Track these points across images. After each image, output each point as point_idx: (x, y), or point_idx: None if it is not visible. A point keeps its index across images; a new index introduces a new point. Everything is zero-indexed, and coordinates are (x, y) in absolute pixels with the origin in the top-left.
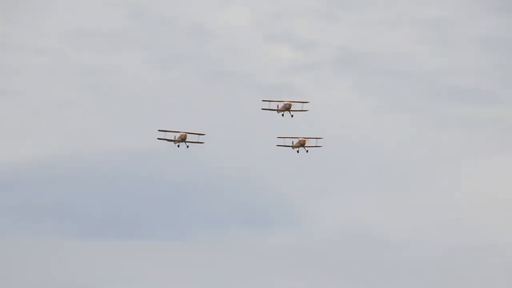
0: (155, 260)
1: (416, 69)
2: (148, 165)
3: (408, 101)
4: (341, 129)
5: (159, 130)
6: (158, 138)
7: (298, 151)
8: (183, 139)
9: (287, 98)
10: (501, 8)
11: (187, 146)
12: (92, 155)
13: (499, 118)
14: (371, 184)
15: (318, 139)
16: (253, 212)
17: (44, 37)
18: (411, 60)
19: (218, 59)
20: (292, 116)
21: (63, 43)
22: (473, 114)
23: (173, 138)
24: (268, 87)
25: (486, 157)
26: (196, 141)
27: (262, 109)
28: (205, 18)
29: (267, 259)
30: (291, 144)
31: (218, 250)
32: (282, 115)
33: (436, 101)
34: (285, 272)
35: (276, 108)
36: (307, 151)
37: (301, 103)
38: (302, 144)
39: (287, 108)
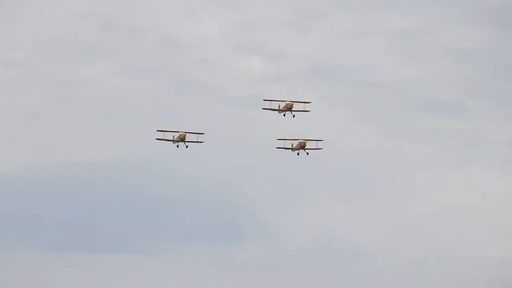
0: (127, 273)
1: (385, 80)
2: (120, 177)
3: (377, 112)
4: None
5: (157, 130)
6: (157, 139)
7: (298, 153)
8: (182, 139)
9: (288, 98)
10: (469, 19)
11: (187, 146)
12: (63, 167)
13: (468, 130)
14: (340, 194)
15: (319, 141)
16: (225, 225)
17: (14, 49)
18: (380, 71)
19: (189, 70)
20: (294, 116)
21: (34, 55)
22: (442, 126)
23: (171, 138)
24: (239, 98)
25: (455, 168)
26: (196, 140)
27: (263, 108)
28: (175, 29)
29: (241, 272)
30: (290, 146)
31: (191, 262)
32: (284, 115)
33: (405, 112)
34: (258, 285)
35: (277, 108)
36: (307, 153)
37: (303, 103)
38: (302, 146)
39: (289, 108)
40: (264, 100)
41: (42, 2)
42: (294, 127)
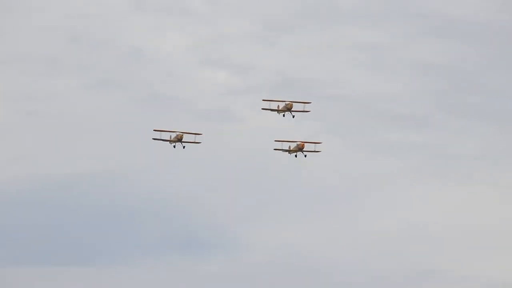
0: (94, 286)
1: (352, 94)
2: (85, 189)
3: (344, 126)
4: (274, 152)
5: (154, 130)
6: (154, 139)
7: (296, 156)
8: (179, 139)
9: (288, 98)
10: (436, 33)
11: (183, 147)
12: (27, 180)
13: (434, 143)
14: (306, 208)
15: (317, 144)
16: (192, 237)
17: None
18: (347, 85)
19: (155, 83)
20: (293, 116)
21: (1, 68)
22: (409, 139)
23: (168, 138)
24: (205, 112)
25: (422, 182)
26: (193, 141)
27: (262, 109)
28: (141, 42)
29: (207, 285)
30: (288, 148)
31: (157, 275)
32: (283, 115)
33: (372, 125)
34: None
35: (276, 108)
36: (305, 156)
37: (303, 104)
38: (300, 148)
39: (289, 108)
40: (263, 100)
41: (9, 14)
42: (264, 138)
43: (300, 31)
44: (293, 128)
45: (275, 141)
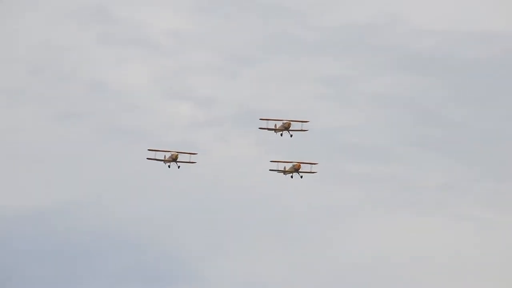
0: None
1: (315, 126)
2: (49, 222)
3: (307, 158)
4: (239, 184)
5: (148, 150)
6: (148, 158)
7: (292, 176)
8: (174, 159)
9: (286, 117)
10: (399, 66)
11: (178, 167)
12: None
13: (397, 176)
14: (272, 240)
15: (313, 165)
16: (158, 270)
17: None
18: (310, 117)
19: (118, 116)
20: (291, 136)
21: None
22: (372, 171)
23: (163, 158)
24: (169, 144)
25: (385, 214)
26: (188, 160)
27: (259, 128)
28: (104, 75)
29: None
30: (283, 169)
31: None
32: (281, 134)
33: (336, 158)
34: None
35: (273, 128)
36: (301, 176)
37: (301, 123)
38: (296, 169)
39: (286, 127)
40: (261, 119)
41: None
42: (229, 170)
43: (263, 63)
44: (258, 158)
45: (271, 161)
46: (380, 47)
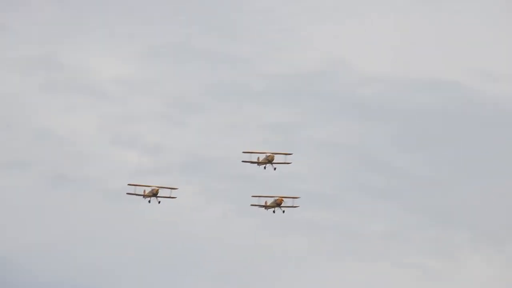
0: None
1: (261, 173)
2: None
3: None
4: (187, 234)
5: (128, 185)
6: (128, 193)
7: (274, 211)
8: (154, 194)
9: (269, 150)
10: (342, 112)
11: (159, 202)
12: None
13: (342, 223)
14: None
15: (295, 199)
16: None
17: None
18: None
19: (64, 164)
20: (275, 169)
21: None
22: (316, 219)
23: (143, 193)
24: (116, 192)
25: (327, 262)
26: (169, 196)
27: (243, 161)
28: (50, 122)
29: None
30: (264, 204)
31: None
32: (264, 167)
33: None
34: None
35: (256, 161)
36: (283, 211)
37: (284, 155)
38: (278, 203)
39: (270, 160)
40: (243, 152)
41: None
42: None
43: (210, 111)
44: (203, 210)
45: (252, 196)
46: (325, 94)
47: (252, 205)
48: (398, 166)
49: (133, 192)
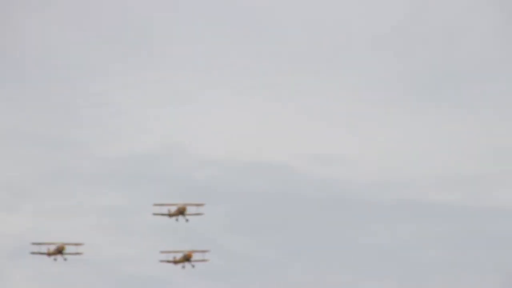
0: None
1: (97, 258)
2: None
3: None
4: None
5: (32, 244)
6: (32, 252)
7: (183, 267)
8: (59, 251)
9: (181, 201)
10: (176, 195)
11: (65, 259)
12: None
13: None
14: None
15: (205, 252)
16: None
17: None
18: (91, 249)
19: None
20: (187, 220)
21: None
22: None
23: (47, 251)
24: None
25: None
26: (74, 252)
27: (154, 214)
28: None
29: None
30: (172, 259)
31: None
32: (176, 219)
33: None
34: None
35: (167, 213)
36: (193, 266)
37: (196, 206)
38: (187, 258)
39: (181, 211)
40: (154, 204)
41: None
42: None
43: (41, 195)
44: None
45: (161, 252)
46: (159, 177)
47: (161, 261)
48: (234, 248)
49: (37, 251)
